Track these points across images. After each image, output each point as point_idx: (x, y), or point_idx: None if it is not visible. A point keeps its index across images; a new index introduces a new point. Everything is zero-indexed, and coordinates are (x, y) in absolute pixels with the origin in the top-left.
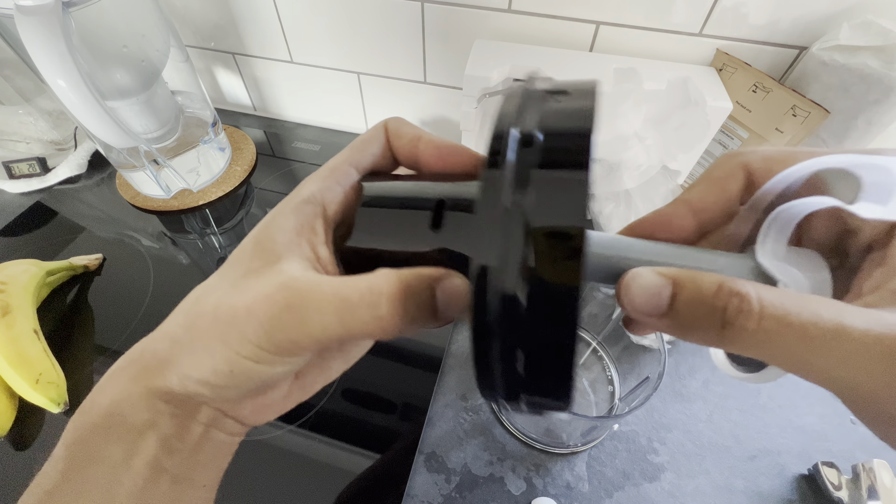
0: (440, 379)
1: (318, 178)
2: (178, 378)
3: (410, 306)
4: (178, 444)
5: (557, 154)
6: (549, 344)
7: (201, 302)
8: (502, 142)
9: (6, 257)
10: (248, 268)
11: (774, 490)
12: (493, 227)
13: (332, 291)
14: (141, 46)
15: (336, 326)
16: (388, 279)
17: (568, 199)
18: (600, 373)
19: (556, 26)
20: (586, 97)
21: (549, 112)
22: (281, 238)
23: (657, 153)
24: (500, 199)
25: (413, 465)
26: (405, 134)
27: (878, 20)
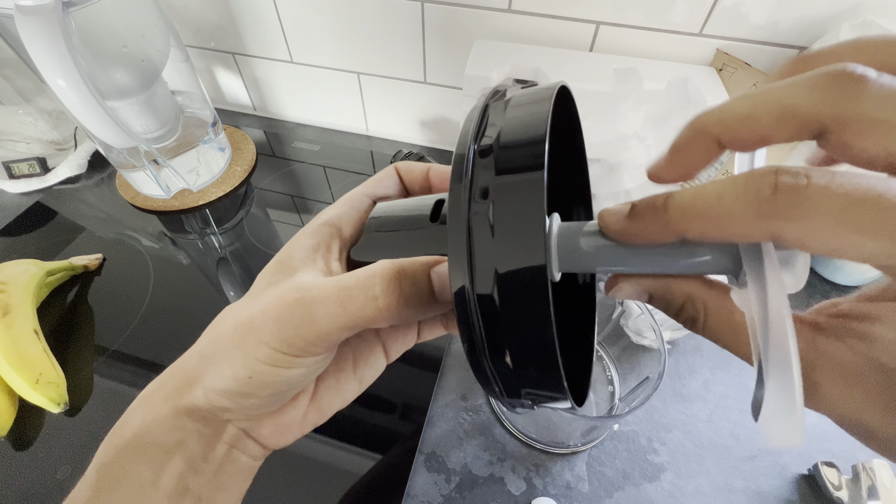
0: (440, 379)
1: (337, 205)
2: (203, 391)
3: (406, 286)
4: (203, 464)
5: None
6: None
7: (226, 318)
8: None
9: (6, 257)
10: (268, 282)
11: (774, 490)
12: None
13: (332, 283)
14: (141, 46)
15: (339, 314)
16: (382, 264)
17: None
18: (600, 373)
19: (556, 26)
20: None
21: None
22: (299, 255)
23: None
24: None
25: (413, 465)
26: (415, 168)
27: (878, 20)
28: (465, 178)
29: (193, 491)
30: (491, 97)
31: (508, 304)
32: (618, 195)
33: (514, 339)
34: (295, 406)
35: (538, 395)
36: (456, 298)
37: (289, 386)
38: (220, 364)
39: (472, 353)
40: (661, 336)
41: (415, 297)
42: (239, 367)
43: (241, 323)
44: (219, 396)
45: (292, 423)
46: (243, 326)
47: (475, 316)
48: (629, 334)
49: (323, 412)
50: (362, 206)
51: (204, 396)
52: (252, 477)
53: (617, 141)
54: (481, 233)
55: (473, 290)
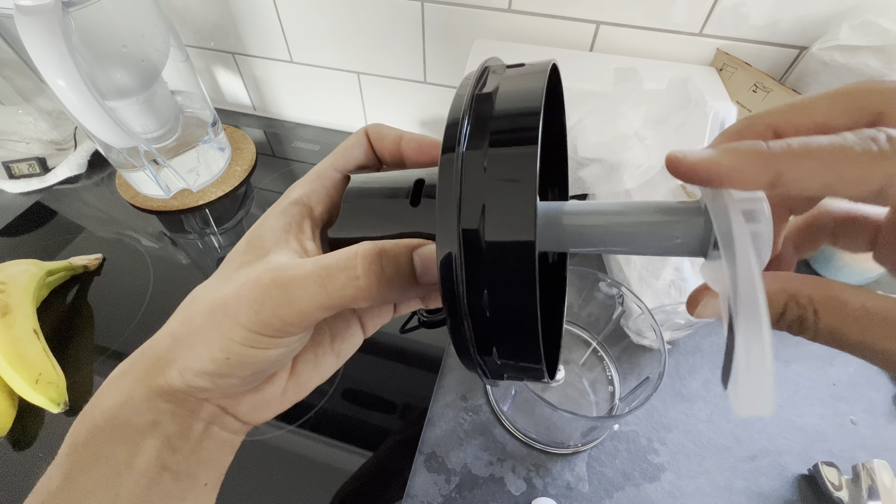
0: (440, 379)
1: (305, 182)
2: (179, 372)
3: (388, 267)
4: (181, 442)
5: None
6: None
7: (197, 299)
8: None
9: (6, 257)
10: (240, 262)
11: (774, 490)
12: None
13: (312, 262)
14: (141, 46)
15: (319, 294)
16: (364, 245)
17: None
18: (600, 373)
19: (556, 26)
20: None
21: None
22: (270, 235)
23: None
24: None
25: (413, 466)
26: (387, 135)
27: (878, 20)
28: (457, 149)
29: (172, 468)
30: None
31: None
32: (618, 195)
33: (497, 309)
34: (273, 383)
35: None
36: (442, 266)
37: (267, 365)
38: (196, 346)
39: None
40: (661, 336)
41: (396, 278)
42: (215, 348)
43: (215, 304)
44: (196, 377)
45: (271, 399)
46: (217, 308)
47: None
48: (629, 334)
49: (302, 388)
50: (332, 182)
51: (180, 377)
52: (234, 451)
53: (617, 141)
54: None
55: (462, 260)
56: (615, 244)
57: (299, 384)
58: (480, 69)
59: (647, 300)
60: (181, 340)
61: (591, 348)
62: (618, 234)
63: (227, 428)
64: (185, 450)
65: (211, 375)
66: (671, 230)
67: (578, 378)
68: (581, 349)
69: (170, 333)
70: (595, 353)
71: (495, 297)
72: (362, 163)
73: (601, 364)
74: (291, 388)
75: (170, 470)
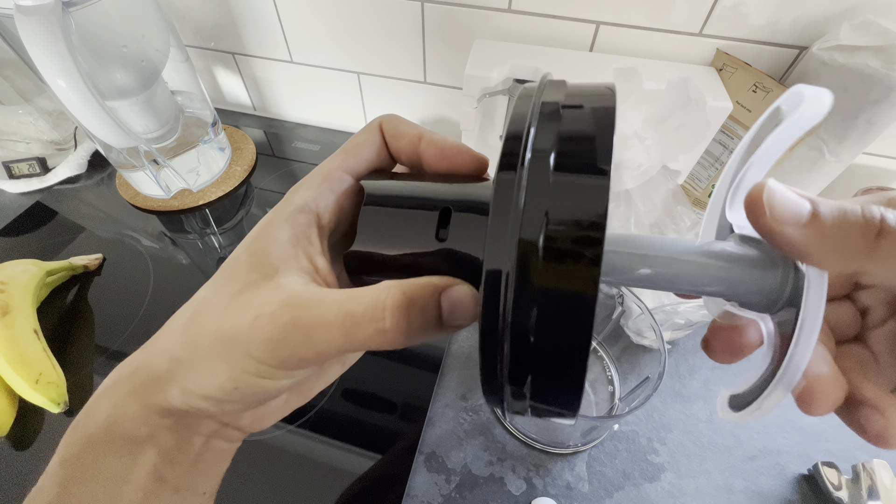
0: (440, 379)
1: (311, 185)
2: (181, 393)
3: (415, 318)
4: (180, 455)
5: (576, 158)
6: (562, 354)
7: (200, 320)
8: (519, 143)
9: (6, 257)
10: (245, 281)
11: (774, 490)
12: (506, 230)
13: (336, 307)
14: (141, 46)
15: (341, 342)
16: (391, 293)
17: (587, 205)
18: (600, 373)
19: (556, 26)
20: (605, 100)
21: (568, 115)
22: (276, 250)
23: (657, 153)
24: (516, 202)
25: (413, 465)
26: (404, 133)
27: (878, 20)
28: (519, 171)
29: (170, 481)
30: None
31: (547, 318)
32: (618, 195)
33: (545, 350)
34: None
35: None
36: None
37: (276, 393)
38: (201, 371)
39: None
40: (661, 336)
41: (422, 325)
42: (224, 377)
43: (223, 334)
44: (199, 400)
45: (273, 409)
46: (227, 339)
47: (506, 317)
48: (629, 334)
49: (305, 395)
50: (340, 186)
51: (181, 398)
52: (231, 457)
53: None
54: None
55: (513, 288)
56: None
57: (302, 392)
58: (541, 83)
59: (647, 300)
60: (183, 363)
61: (591, 348)
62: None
63: (226, 438)
64: (184, 463)
65: (216, 401)
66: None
67: None
68: None
69: (169, 354)
70: (595, 352)
71: (544, 337)
72: (374, 164)
73: (601, 364)
74: (294, 396)
75: (168, 483)
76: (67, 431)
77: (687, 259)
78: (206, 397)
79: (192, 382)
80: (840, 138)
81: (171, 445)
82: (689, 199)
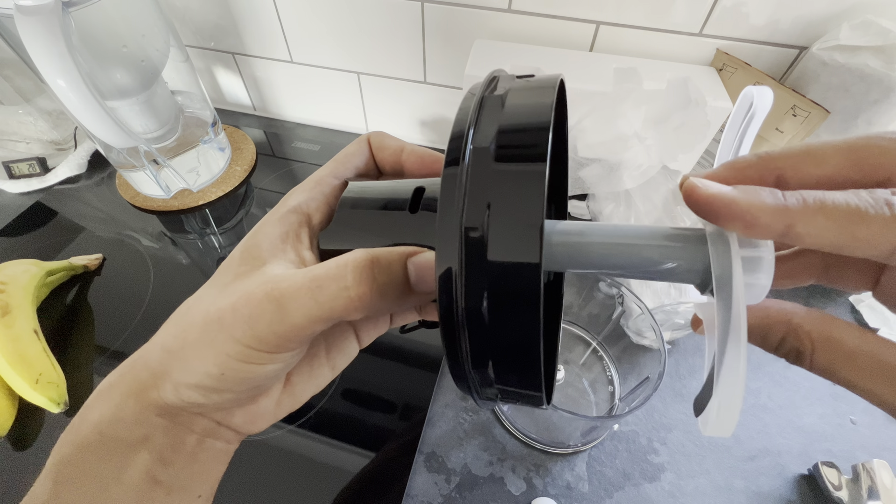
0: (440, 379)
1: (304, 189)
2: (173, 386)
3: (380, 276)
4: (173, 455)
5: (514, 148)
6: (516, 334)
7: (191, 311)
8: (461, 140)
9: (6, 257)
10: (235, 273)
11: (774, 490)
12: (453, 219)
13: (302, 274)
14: (141, 46)
15: (311, 306)
16: (355, 254)
17: (524, 189)
18: (600, 373)
19: (556, 26)
20: (546, 92)
21: (508, 107)
22: (266, 245)
23: (657, 153)
24: (457, 194)
25: (413, 465)
26: (388, 146)
27: (878, 20)
28: (461, 164)
29: (164, 482)
30: (488, 84)
31: (496, 297)
32: (618, 195)
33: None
34: (268, 395)
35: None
36: (440, 281)
37: (263, 380)
38: (189, 360)
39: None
40: (661, 336)
41: (389, 287)
42: (210, 363)
43: (209, 318)
44: (190, 391)
45: (265, 410)
46: (212, 322)
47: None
48: (629, 334)
49: (296, 398)
50: (331, 190)
51: (174, 392)
52: (228, 460)
53: (617, 141)
54: (475, 220)
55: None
56: (612, 266)
57: (294, 395)
58: (487, 80)
59: (646, 300)
60: (174, 354)
61: (591, 348)
62: (617, 255)
63: (221, 438)
64: (177, 463)
65: (205, 390)
66: (671, 255)
67: (578, 378)
68: (581, 349)
69: (162, 346)
70: (595, 352)
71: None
72: (362, 171)
73: (601, 364)
74: (286, 399)
75: (162, 484)
76: (63, 434)
77: (625, 241)
78: (196, 386)
79: (182, 372)
80: None
81: (165, 446)
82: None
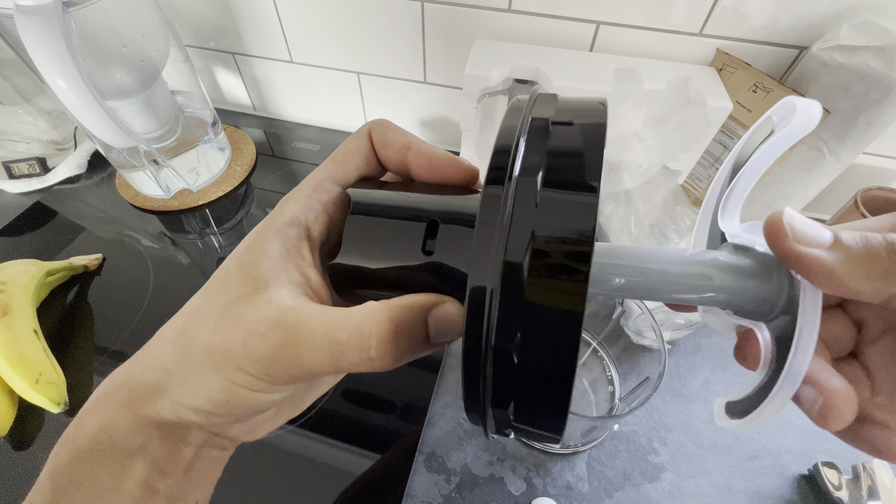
0: (440, 379)
1: (301, 196)
2: (171, 405)
3: (402, 343)
4: (170, 465)
5: (565, 174)
6: (547, 377)
7: (191, 332)
8: (507, 157)
9: (6, 257)
10: (236, 294)
11: (774, 490)
12: (491, 247)
13: (322, 331)
14: (141, 46)
15: (329, 366)
16: (376, 318)
17: (575, 221)
18: (600, 373)
19: (556, 26)
20: (595, 116)
21: (558, 130)
22: (267, 264)
23: (657, 153)
24: (502, 218)
25: (413, 466)
26: (393, 142)
27: (878, 20)
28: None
29: (161, 491)
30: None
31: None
32: (618, 195)
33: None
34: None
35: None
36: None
37: (269, 405)
38: (192, 384)
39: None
40: (661, 336)
41: (409, 348)
42: (215, 390)
43: (215, 348)
44: (190, 412)
45: (264, 421)
46: (219, 353)
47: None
48: (629, 334)
49: (297, 406)
50: (329, 198)
51: (172, 410)
52: (224, 465)
53: (617, 141)
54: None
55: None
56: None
57: (294, 403)
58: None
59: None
60: (174, 376)
61: (591, 348)
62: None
63: (217, 447)
64: (174, 473)
65: (207, 413)
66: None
67: (578, 378)
68: (581, 349)
69: (160, 366)
70: (595, 352)
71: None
72: (363, 171)
73: (601, 364)
74: (286, 407)
75: (159, 493)
76: (57, 444)
77: (679, 270)
78: (197, 409)
79: (183, 395)
80: (840, 138)
81: (161, 456)
82: (689, 199)
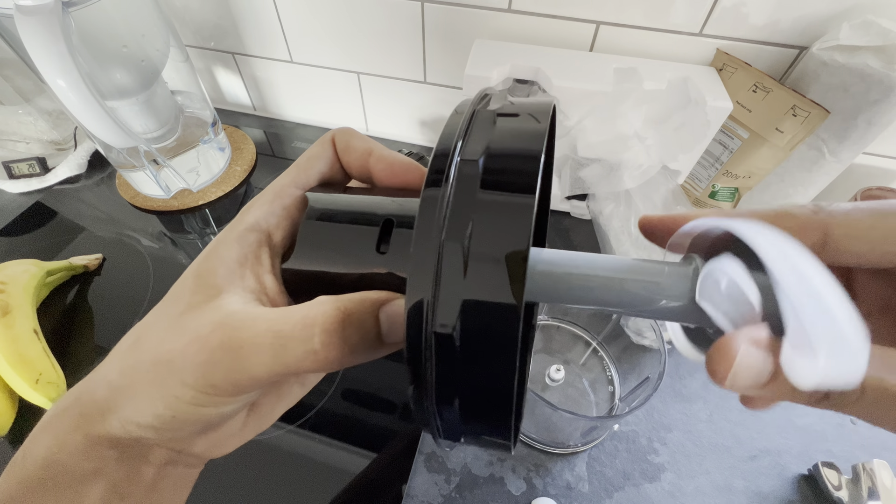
0: None
1: (263, 202)
2: (120, 423)
3: (351, 335)
4: (130, 487)
5: (502, 175)
6: (488, 376)
7: (140, 345)
8: (445, 160)
9: (6, 257)
10: (188, 303)
11: (774, 490)
12: (427, 250)
13: (266, 327)
14: (141, 46)
15: (272, 364)
16: (323, 308)
17: (510, 221)
18: (600, 373)
19: (556, 26)
20: (539, 118)
21: (498, 131)
22: (222, 271)
23: (657, 153)
24: (437, 221)
25: (413, 465)
26: (355, 148)
27: (878, 20)
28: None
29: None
30: (478, 103)
31: (469, 344)
32: (618, 195)
33: (469, 380)
34: (232, 420)
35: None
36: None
37: (220, 419)
38: (137, 399)
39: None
40: (661, 336)
41: (360, 343)
42: (160, 406)
43: (158, 359)
44: (139, 429)
45: (230, 434)
46: (162, 364)
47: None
48: (629, 334)
49: (264, 420)
50: (292, 202)
51: (121, 427)
52: (192, 484)
53: (617, 141)
54: (452, 263)
55: (434, 303)
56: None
57: (261, 416)
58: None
59: None
60: (120, 391)
61: (591, 348)
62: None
63: (182, 465)
64: (135, 495)
65: (155, 429)
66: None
67: (578, 378)
68: (581, 349)
69: (108, 382)
70: (595, 352)
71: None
72: (326, 176)
73: (601, 364)
74: (252, 421)
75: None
76: (4, 471)
77: (624, 276)
78: (145, 426)
79: (130, 410)
80: (840, 138)
81: (119, 478)
82: (689, 199)
